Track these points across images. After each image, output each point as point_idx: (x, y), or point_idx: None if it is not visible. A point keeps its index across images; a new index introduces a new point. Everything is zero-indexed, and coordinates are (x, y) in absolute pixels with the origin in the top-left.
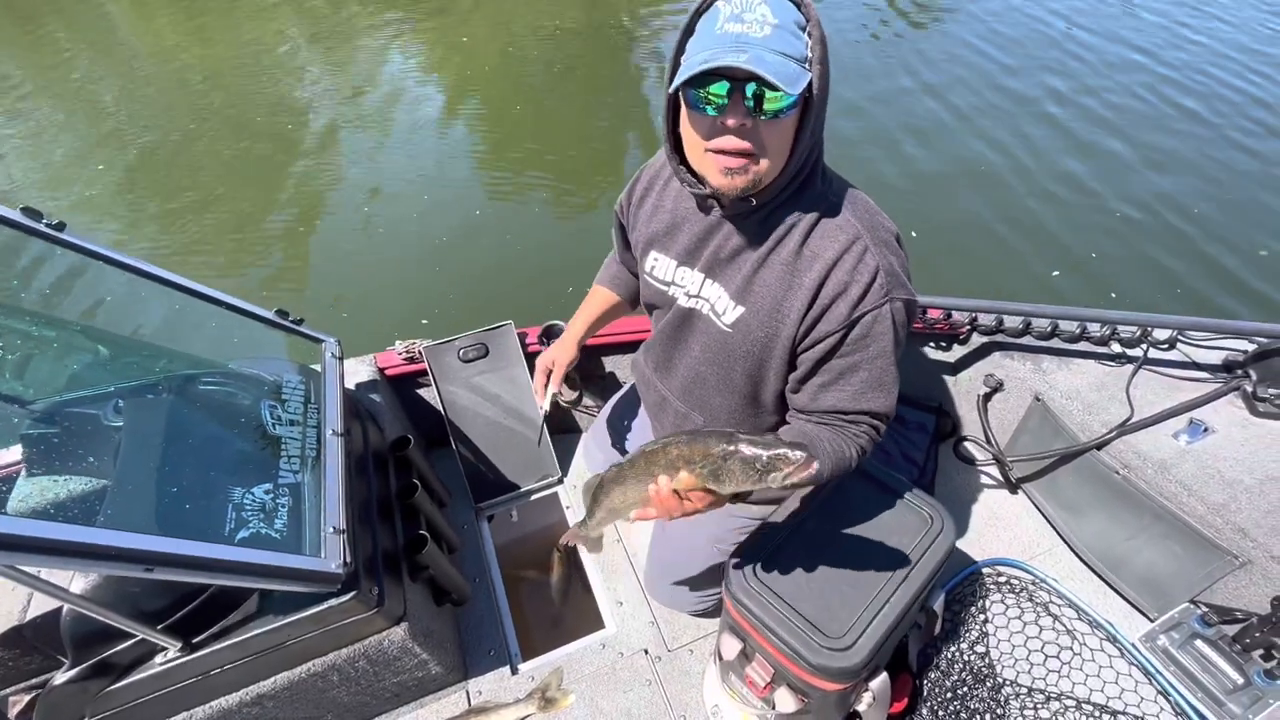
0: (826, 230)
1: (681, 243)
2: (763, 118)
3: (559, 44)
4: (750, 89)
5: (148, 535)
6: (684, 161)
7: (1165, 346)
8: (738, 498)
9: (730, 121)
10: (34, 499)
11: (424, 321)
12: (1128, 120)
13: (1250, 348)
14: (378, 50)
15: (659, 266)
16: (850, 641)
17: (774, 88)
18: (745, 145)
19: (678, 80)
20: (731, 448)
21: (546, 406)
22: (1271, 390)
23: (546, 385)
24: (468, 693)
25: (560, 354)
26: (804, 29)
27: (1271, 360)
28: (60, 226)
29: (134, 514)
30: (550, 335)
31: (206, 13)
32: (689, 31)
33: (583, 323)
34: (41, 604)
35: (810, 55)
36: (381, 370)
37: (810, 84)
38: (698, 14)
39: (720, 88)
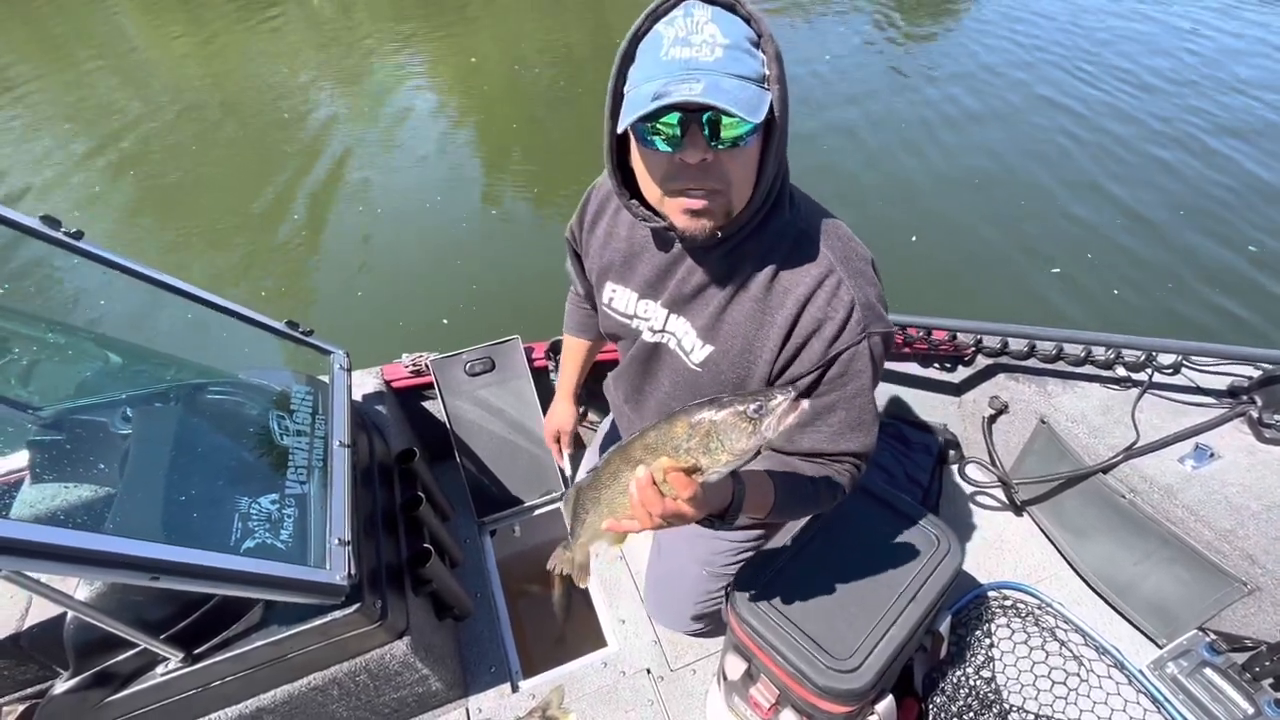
0: (798, 263)
1: (641, 274)
2: (722, 147)
3: (567, 63)
4: (706, 116)
5: (154, 543)
6: (635, 194)
7: (1170, 371)
8: (723, 520)
9: (690, 160)
10: (42, 505)
11: (445, 323)
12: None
13: (1255, 373)
14: (387, 68)
15: (618, 298)
16: (857, 663)
17: (735, 117)
18: (709, 184)
19: (626, 119)
20: (716, 409)
21: (568, 468)
22: (1277, 417)
23: (562, 451)
24: (468, 710)
25: (563, 420)
26: (757, 45)
27: (1276, 386)
28: (78, 235)
29: (141, 522)
30: (557, 350)
31: (219, 35)
32: (628, 58)
33: (569, 377)
34: (38, 613)
35: (768, 73)
36: (388, 383)
37: (771, 105)
38: (636, 38)
39: (672, 118)
